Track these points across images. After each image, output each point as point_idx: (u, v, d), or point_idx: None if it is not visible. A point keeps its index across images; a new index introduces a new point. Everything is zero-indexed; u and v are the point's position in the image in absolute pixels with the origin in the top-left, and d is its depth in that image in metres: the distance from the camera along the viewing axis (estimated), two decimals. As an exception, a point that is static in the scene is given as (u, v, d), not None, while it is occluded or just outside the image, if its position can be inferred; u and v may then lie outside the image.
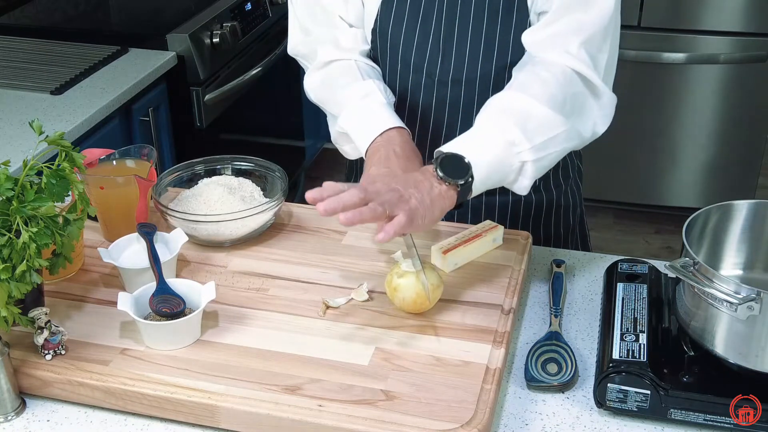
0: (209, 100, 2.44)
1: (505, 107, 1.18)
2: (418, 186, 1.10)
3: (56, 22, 2.62)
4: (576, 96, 1.22)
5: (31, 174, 1.07)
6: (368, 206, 1.04)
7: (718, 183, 3.30)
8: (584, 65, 1.23)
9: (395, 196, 1.07)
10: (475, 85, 1.34)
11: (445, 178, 1.10)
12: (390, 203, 1.06)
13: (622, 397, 1.04)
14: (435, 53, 1.34)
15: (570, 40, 1.23)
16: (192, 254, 1.31)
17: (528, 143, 1.15)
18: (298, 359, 1.09)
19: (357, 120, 1.30)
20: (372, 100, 1.30)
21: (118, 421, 1.06)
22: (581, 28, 1.24)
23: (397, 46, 1.36)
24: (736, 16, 3.01)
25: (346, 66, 1.37)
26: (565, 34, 1.24)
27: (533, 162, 1.17)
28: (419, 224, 1.08)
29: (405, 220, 1.05)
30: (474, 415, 1.00)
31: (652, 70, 3.08)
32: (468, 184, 1.12)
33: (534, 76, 1.21)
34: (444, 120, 1.38)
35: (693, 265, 1.05)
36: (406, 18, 1.34)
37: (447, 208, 1.12)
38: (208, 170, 1.44)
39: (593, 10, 1.23)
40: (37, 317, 1.09)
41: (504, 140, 1.15)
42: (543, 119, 1.17)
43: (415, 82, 1.37)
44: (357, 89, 1.32)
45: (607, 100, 1.27)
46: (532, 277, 1.33)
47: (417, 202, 1.08)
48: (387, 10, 1.34)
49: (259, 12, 2.74)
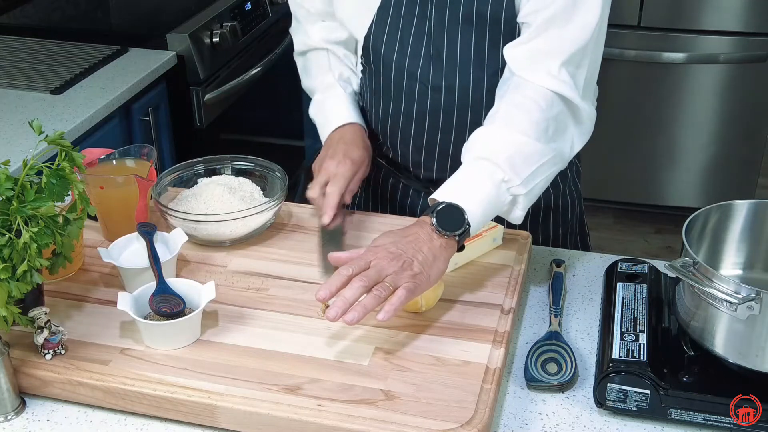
0: (209, 99, 2.44)
1: (491, 147, 1.20)
2: (418, 244, 1.12)
3: (56, 22, 2.62)
4: (557, 118, 1.23)
5: (31, 174, 1.07)
6: (372, 294, 1.06)
7: (718, 183, 3.30)
8: (565, 86, 1.22)
9: (397, 266, 1.09)
10: (468, 91, 1.34)
11: (444, 232, 1.13)
12: (393, 277, 1.08)
13: (621, 396, 1.04)
14: (427, 60, 1.34)
15: (551, 60, 1.22)
16: (192, 254, 1.31)
17: (518, 178, 1.18)
18: (298, 359, 1.09)
19: (318, 114, 1.47)
20: (331, 94, 1.45)
21: (118, 420, 1.06)
22: (562, 47, 1.22)
23: (390, 54, 1.36)
24: (736, 16, 3.00)
25: (320, 55, 1.49)
26: (546, 53, 1.23)
27: (525, 195, 1.21)
28: (423, 290, 1.11)
29: (405, 294, 1.07)
30: (474, 415, 1.00)
31: (652, 70, 3.08)
32: (466, 231, 1.15)
33: (516, 108, 1.22)
34: (439, 126, 1.38)
35: (693, 265, 1.05)
36: (400, 26, 1.34)
37: (450, 256, 1.15)
38: (208, 170, 1.44)
39: (575, 27, 1.22)
40: (37, 317, 1.09)
41: (494, 180, 1.18)
42: (529, 152, 1.20)
43: (409, 89, 1.37)
44: (320, 82, 1.47)
45: (586, 117, 1.28)
46: (532, 277, 1.33)
47: (419, 266, 1.10)
48: (382, 18, 1.34)
49: (259, 12, 2.74)
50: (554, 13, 1.21)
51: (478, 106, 1.35)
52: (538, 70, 1.22)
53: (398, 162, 1.48)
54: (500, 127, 1.21)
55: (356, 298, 1.06)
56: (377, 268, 1.08)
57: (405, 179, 1.51)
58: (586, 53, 1.24)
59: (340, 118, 1.43)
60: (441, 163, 1.42)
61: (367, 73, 1.42)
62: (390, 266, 1.08)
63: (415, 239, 1.12)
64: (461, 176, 1.20)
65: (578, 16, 1.22)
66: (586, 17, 1.22)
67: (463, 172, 1.20)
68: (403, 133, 1.42)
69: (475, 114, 1.35)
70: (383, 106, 1.42)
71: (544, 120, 1.21)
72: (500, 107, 1.24)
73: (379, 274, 1.08)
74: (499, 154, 1.18)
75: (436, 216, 1.14)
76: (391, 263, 1.09)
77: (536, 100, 1.21)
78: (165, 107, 2.38)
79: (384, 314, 1.06)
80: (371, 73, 1.41)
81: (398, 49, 1.35)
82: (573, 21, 1.22)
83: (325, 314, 1.06)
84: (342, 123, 1.42)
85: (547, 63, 1.22)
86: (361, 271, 1.08)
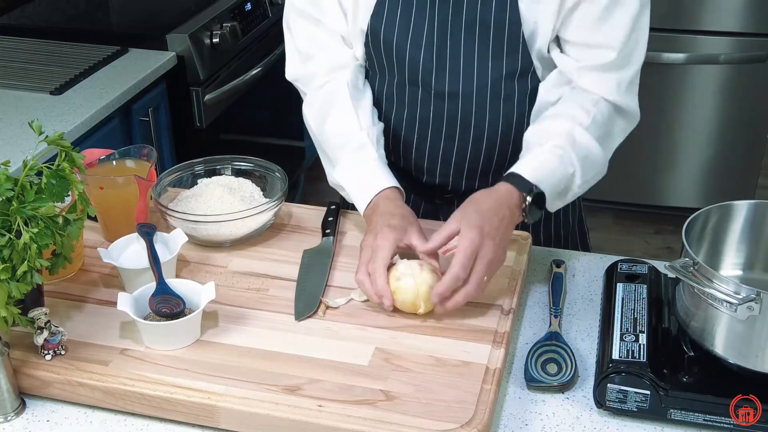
0: (209, 100, 2.44)
1: (573, 140, 1.25)
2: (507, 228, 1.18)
3: (56, 22, 2.62)
4: (611, 132, 1.33)
5: (31, 174, 1.07)
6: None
7: (718, 183, 3.30)
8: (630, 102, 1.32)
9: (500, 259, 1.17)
10: (472, 98, 1.34)
11: (529, 218, 1.21)
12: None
13: (621, 397, 1.04)
14: (429, 66, 1.33)
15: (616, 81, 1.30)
16: (192, 254, 1.31)
17: (580, 179, 1.26)
18: (297, 359, 1.09)
19: (352, 178, 1.32)
20: (366, 155, 1.32)
21: (118, 421, 1.06)
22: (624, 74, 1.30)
23: (391, 60, 1.35)
24: (736, 17, 3.00)
25: (341, 96, 1.35)
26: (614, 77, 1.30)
27: (576, 192, 1.28)
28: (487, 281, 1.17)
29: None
30: (474, 415, 1.00)
31: (652, 70, 3.07)
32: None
33: (586, 113, 1.27)
34: (442, 132, 1.38)
35: (693, 266, 1.05)
36: (397, 31, 1.33)
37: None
38: (208, 170, 1.44)
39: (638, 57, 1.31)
40: (37, 317, 1.09)
41: (567, 173, 1.24)
42: (595, 157, 1.27)
43: (412, 96, 1.37)
44: (351, 140, 1.33)
45: (634, 124, 1.38)
46: (532, 277, 1.33)
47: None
48: (377, 23, 1.34)
49: (259, 12, 2.74)
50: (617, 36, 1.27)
51: (482, 112, 1.35)
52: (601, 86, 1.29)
53: (401, 166, 1.47)
54: (576, 125, 1.26)
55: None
56: (486, 265, 1.13)
57: (407, 184, 1.50)
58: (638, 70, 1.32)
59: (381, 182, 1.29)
60: (444, 168, 1.42)
61: (369, 78, 1.41)
62: (497, 261, 1.15)
63: (503, 221, 1.17)
64: (544, 159, 1.24)
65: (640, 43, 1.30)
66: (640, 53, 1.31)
67: (546, 157, 1.24)
68: (405, 139, 1.41)
69: (478, 119, 1.35)
70: (386, 112, 1.41)
71: (608, 135, 1.31)
72: (570, 107, 1.28)
73: (487, 271, 1.14)
74: (579, 150, 1.25)
75: (532, 199, 1.19)
76: (497, 256, 1.15)
77: (602, 111, 1.28)
78: (165, 108, 2.38)
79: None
80: (374, 78, 1.40)
81: (400, 55, 1.34)
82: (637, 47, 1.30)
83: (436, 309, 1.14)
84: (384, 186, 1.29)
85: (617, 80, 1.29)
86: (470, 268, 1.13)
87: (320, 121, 1.38)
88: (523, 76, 1.32)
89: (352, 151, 1.33)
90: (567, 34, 1.29)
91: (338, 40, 1.38)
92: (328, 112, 1.37)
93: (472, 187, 1.42)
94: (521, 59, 1.30)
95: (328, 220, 1.36)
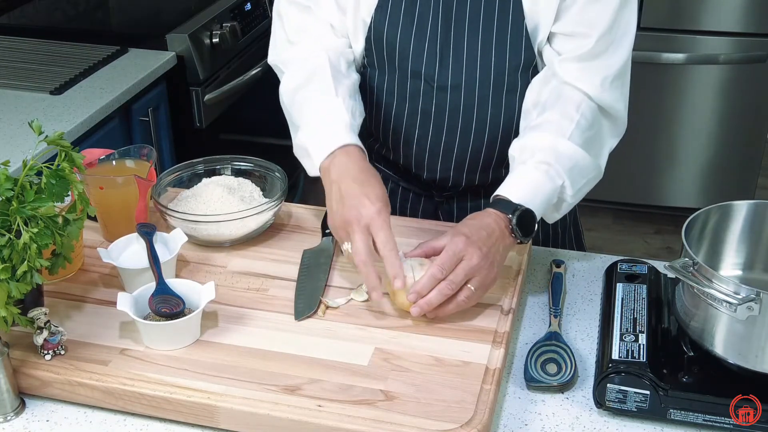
0: (209, 100, 2.44)
1: (556, 154, 1.23)
2: (497, 242, 1.16)
3: (56, 22, 2.62)
4: (599, 134, 1.31)
5: (30, 174, 1.07)
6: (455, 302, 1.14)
7: (718, 183, 3.30)
8: (617, 101, 1.32)
9: (486, 266, 1.15)
10: (474, 90, 1.34)
11: (520, 237, 1.19)
12: (480, 280, 1.14)
13: (621, 397, 1.04)
14: (432, 59, 1.34)
15: (603, 72, 1.29)
16: (192, 254, 1.31)
17: (571, 189, 1.25)
18: (297, 359, 1.09)
19: (315, 130, 1.27)
20: (334, 118, 1.27)
21: (118, 421, 1.06)
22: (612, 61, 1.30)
23: (393, 53, 1.35)
24: (735, 17, 3.01)
25: (321, 72, 1.32)
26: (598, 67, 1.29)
27: (569, 203, 1.27)
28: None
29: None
30: (473, 415, 1.00)
31: (652, 70, 3.08)
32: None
33: (569, 120, 1.26)
34: (444, 124, 1.38)
35: (692, 266, 1.05)
36: (401, 23, 1.33)
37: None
38: (208, 170, 1.44)
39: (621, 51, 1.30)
40: (37, 317, 1.09)
41: (555, 186, 1.23)
42: (584, 165, 1.26)
43: (414, 88, 1.37)
44: (324, 104, 1.29)
45: (622, 129, 1.36)
46: (532, 277, 1.33)
47: (497, 266, 1.17)
48: (381, 16, 1.34)
49: (259, 12, 2.74)
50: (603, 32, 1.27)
51: (485, 105, 1.35)
52: (586, 83, 1.28)
53: (399, 164, 1.47)
54: (559, 137, 1.24)
55: (439, 302, 1.12)
56: (466, 269, 1.12)
57: (405, 183, 1.50)
58: (627, 67, 1.33)
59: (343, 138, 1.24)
60: (445, 164, 1.41)
61: (369, 73, 1.41)
62: (480, 269, 1.13)
63: (492, 236, 1.16)
64: (529, 178, 1.22)
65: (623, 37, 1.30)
66: (627, 44, 1.30)
67: (531, 174, 1.22)
68: (406, 134, 1.41)
69: (480, 113, 1.35)
70: (386, 107, 1.41)
71: (592, 134, 1.28)
72: (552, 117, 1.26)
73: (466, 275, 1.13)
74: (565, 162, 1.23)
75: (517, 220, 1.18)
76: (481, 263, 1.13)
77: (585, 115, 1.27)
78: (165, 107, 2.38)
79: (455, 306, 1.14)
80: (374, 72, 1.40)
81: (403, 48, 1.34)
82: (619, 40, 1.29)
83: (411, 310, 1.12)
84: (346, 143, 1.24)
85: (600, 75, 1.28)
86: (452, 271, 1.12)
87: (293, 92, 1.35)
88: (526, 69, 1.32)
89: (322, 114, 1.27)
90: (554, 26, 1.29)
91: (328, 28, 1.38)
92: (304, 85, 1.33)
93: (472, 182, 1.43)
94: (524, 52, 1.31)
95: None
